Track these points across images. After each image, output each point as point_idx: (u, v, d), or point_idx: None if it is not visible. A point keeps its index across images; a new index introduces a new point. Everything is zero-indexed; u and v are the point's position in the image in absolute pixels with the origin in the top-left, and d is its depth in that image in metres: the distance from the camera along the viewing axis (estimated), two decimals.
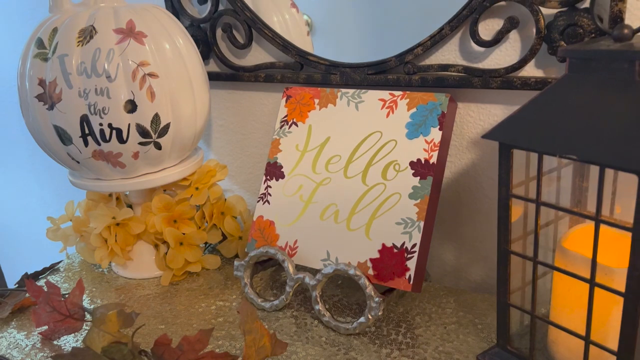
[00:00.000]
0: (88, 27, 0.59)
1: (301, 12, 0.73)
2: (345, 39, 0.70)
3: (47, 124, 0.61)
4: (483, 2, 0.55)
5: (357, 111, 0.64)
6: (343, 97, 0.66)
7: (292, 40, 0.74)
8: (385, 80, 0.64)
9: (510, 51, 0.56)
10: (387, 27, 0.65)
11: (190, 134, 0.67)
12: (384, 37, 0.66)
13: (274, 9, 0.76)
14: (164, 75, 0.61)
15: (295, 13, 0.77)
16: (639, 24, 0.43)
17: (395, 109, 0.62)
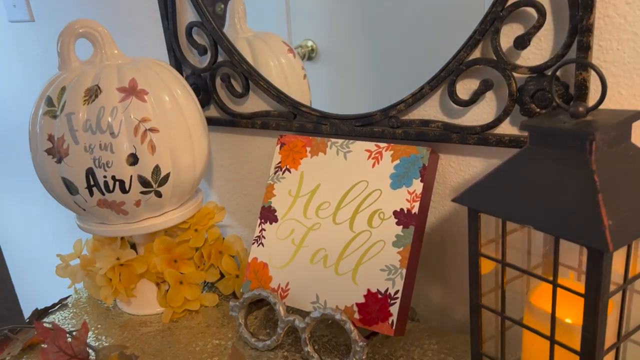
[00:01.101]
0: (93, 86, 0.64)
1: (306, 39, 0.76)
2: (348, 64, 0.72)
3: (55, 175, 0.65)
4: (459, 65, 0.59)
5: (346, 160, 0.68)
6: (333, 147, 0.69)
7: (288, 84, 0.78)
8: (371, 132, 0.68)
9: (486, 110, 0.60)
10: (389, 54, 0.67)
11: (190, 181, 0.71)
12: (385, 63, 0.68)
13: (270, 54, 0.80)
14: (164, 128, 0.65)
15: (291, 58, 0.81)
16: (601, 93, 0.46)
17: (381, 159, 0.66)
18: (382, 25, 0.66)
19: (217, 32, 0.75)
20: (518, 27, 0.55)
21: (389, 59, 0.67)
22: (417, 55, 0.65)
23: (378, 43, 0.67)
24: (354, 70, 0.71)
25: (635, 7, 0.50)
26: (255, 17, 0.79)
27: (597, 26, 0.52)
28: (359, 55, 0.70)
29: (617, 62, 0.52)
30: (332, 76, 0.75)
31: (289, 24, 0.76)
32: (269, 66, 0.79)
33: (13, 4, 0.97)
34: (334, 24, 0.72)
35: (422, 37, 0.64)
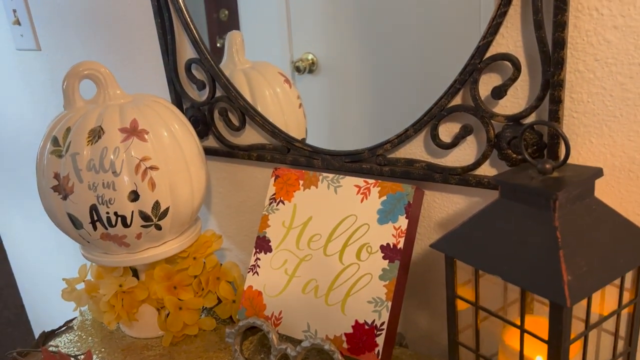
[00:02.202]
0: (97, 127, 0.67)
1: (307, 52, 0.77)
2: (348, 77, 0.75)
3: (61, 211, 0.69)
4: (441, 111, 0.62)
5: (336, 194, 0.72)
6: (324, 181, 0.73)
7: (283, 112, 0.82)
8: (360, 168, 0.71)
9: (467, 152, 0.63)
10: (388, 67, 0.69)
11: (188, 212, 0.75)
12: (384, 75, 0.70)
13: (266, 84, 0.84)
14: (164, 165, 0.69)
15: (287, 88, 0.85)
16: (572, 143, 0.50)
17: (369, 195, 0.69)
18: (381, 39, 0.69)
19: (215, 69, 0.79)
20: (496, 77, 0.59)
21: (388, 71, 0.69)
22: (413, 70, 0.67)
23: (377, 56, 0.70)
24: (353, 82, 0.74)
25: (604, 64, 0.53)
26: (257, 31, 0.82)
27: (568, 79, 0.55)
28: (358, 68, 0.72)
29: (588, 114, 0.55)
30: (333, 88, 0.77)
31: (290, 38, 0.79)
32: (264, 95, 0.83)
33: (20, 33, 1.01)
34: (334, 38, 0.74)
35: (419, 50, 0.66)
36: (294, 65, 0.79)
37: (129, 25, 0.87)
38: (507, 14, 0.55)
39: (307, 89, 0.80)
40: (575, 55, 0.54)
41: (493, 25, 0.55)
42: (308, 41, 0.78)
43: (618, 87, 0.53)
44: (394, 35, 0.68)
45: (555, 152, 0.56)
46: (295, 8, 0.76)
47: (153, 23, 0.83)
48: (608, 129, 0.55)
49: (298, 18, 0.77)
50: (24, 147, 1.17)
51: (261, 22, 0.81)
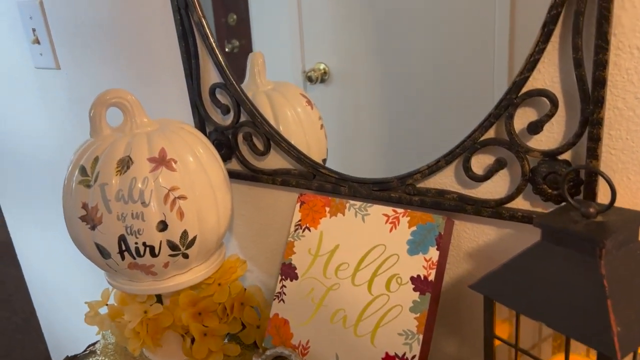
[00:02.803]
0: (125, 157, 0.67)
1: (319, 62, 0.77)
2: (360, 87, 0.75)
3: (89, 241, 0.69)
4: (474, 144, 0.61)
5: (364, 223, 0.71)
6: (351, 209, 0.73)
7: (304, 132, 0.82)
8: (388, 197, 0.71)
9: (500, 185, 0.63)
10: (400, 76, 0.70)
11: (215, 239, 0.74)
12: (397, 86, 0.71)
13: (287, 105, 0.84)
14: (191, 194, 0.69)
15: (309, 109, 0.84)
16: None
17: (398, 224, 0.69)
18: (393, 48, 0.69)
19: (240, 95, 0.79)
20: (532, 112, 0.58)
21: (400, 81, 0.69)
22: (429, 79, 0.67)
23: (389, 66, 0.70)
24: (365, 92, 0.74)
25: None
26: (269, 40, 0.82)
27: (607, 116, 0.54)
28: (370, 78, 0.73)
29: (626, 150, 0.55)
30: (345, 98, 0.77)
31: (303, 48, 0.79)
32: (286, 116, 0.83)
33: (40, 52, 1.01)
34: (346, 48, 0.74)
35: (433, 59, 0.66)
36: (305, 75, 0.79)
37: (152, 48, 0.87)
38: (546, 50, 0.54)
39: (319, 99, 0.80)
40: (615, 93, 0.53)
41: (531, 61, 0.55)
42: (320, 51, 0.77)
43: None
44: (407, 44, 0.68)
45: (592, 189, 0.56)
46: (307, 17, 0.76)
47: (177, 46, 0.82)
48: None
49: (310, 27, 0.76)
50: (41, 162, 1.17)
51: (272, 32, 0.81)
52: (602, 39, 0.50)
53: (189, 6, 0.77)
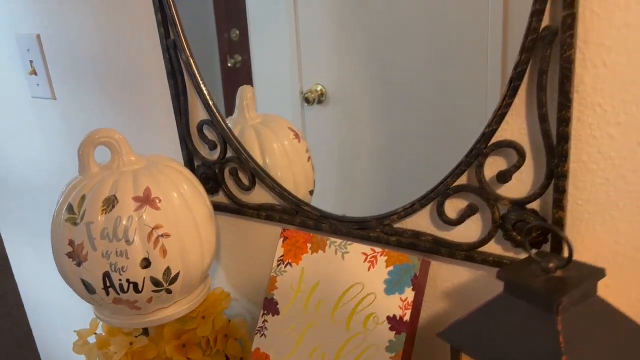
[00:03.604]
0: (111, 196, 0.69)
1: (317, 84, 0.78)
2: (356, 108, 0.76)
3: (75, 276, 0.71)
4: (447, 189, 0.63)
5: (343, 261, 0.73)
6: (332, 246, 0.74)
7: (291, 165, 0.84)
8: (367, 236, 0.72)
9: (473, 230, 0.64)
10: (396, 99, 0.71)
11: (199, 274, 0.76)
12: (393, 109, 0.72)
13: (274, 138, 0.86)
14: (175, 231, 0.71)
15: (296, 143, 0.86)
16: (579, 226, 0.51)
17: (376, 264, 0.70)
18: (389, 71, 0.71)
19: (226, 132, 0.81)
20: (502, 162, 0.60)
21: (396, 104, 0.71)
22: (423, 102, 0.69)
23: (385, 89, 0.72)
24: (362, 113, 0.76)
25: (607, 157, 0.54)
26: (267, 61, 0.84)
27: (573, 169, 0.56)
28: (366, 100, 0.74)
29: (592, 202, 0.56)
30: (341, 118, 0.79)
31: (300, 70, 0.81)
32: (273, 149, 0.85)
33: (37, 83, 1.04)
34: (343, 71, 0.76)
35: (428, 83, 0.68)
36: (303, 97, 0.81)
37: (143, 84, 0.89)
38: (513, 104, 0.56)
39: (316, 120, 0.81)
40: (579, 147, 0.55)
41: (499, 115, 0.57)
42: (318, 73, 0.79)
43: (621, 179, 0.54)
44: (403, 70, 0.70)
45: (559, 239, 0.57)
46: (305, 40, 0.78)
47: (167, 84, 0.84)
48: (611, 218, 0.56)
49: (308, 50, 0.78)
50: (38, 186, 1.20)
51: (271, 52, 0.83)
52: (564, 97, 0.52)
53: (178, 47, 0.80)
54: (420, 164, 0.72)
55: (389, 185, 0.77)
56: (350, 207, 0.78)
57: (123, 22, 0.88)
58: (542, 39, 0.52)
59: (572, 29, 0.50)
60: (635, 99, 0.51)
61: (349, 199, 0.83)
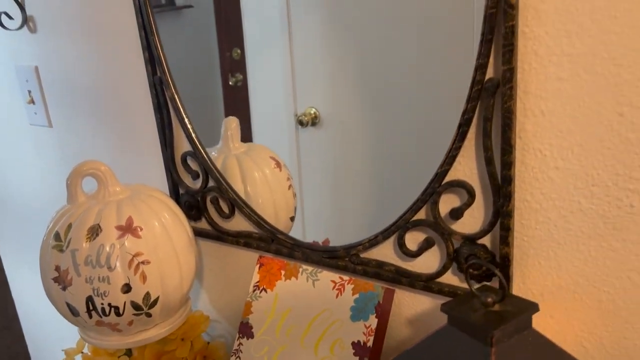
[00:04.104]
0: (95, 225, 0.74)
1: (310, 107, 0.82)
2: (348, 130, 0.80)
3: (60, 299, 0.75)
4: (406, 223, 0.67)
5: (314, 288, 0.77)
6: (304, 273, 0.78)
7: (271, 193, 0.88)
8: (336, 265, 0.77)
9: (432, 261, 0.68)
10: (387, 124, 0.75)
11: (178, 298, 0.80)
12: (383, 132, 0.76)
13: (255, 167, 0.90)
14: (155, 258, 0.75)
15: (277, 172, 0.91)
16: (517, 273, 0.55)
17: (343, 291, 0.74)
18: (381, 96, 0.74)
19: (208, 163, 0.86)
20: (455, 199, 0.64)
21: (386, 128, 0.75)
22: (414, 126, 0.73)
23: (375, 113, 0.75)
24: (354, 135, 0.79)
25: (548, 198, 0.58)
26: (265, 82, 0.88)
27: (518, 207, 0.60)
28: (358, 123, 0.78)
29: (536, 239, 0.61)
30: (334, 141, 0.82)
31: (295, 93, 0.84)
32: (254, 178, 0.89)
33: (34, 111, 1.10)
34: (336, 94, 0.80)
35: (420, 108, 0.71)
36: (297, 119, 0.84)
37: (132, 117, 0.95)
38: (462, 147, 0.61)
39: (310, 141, 0.85)
40: (523, 187, 0.59)
41: (450, 156, 0.61)
42: (311, 96, 0.83)
43: (561, 219, 0.58)
44: (395, 95, 0.73)
45: (506, 272, 0.61)
46: (300, 64, 0.82)
47: (153, 117, 0.90)
48: (554, 254, 0.60)
49: (302, 74, 0.82)
50: (34, 211, 1.25)
51: (267, 76, 0.87)
52: (506, 144, 0.57)
53: (164, 83, 0.85)
54: (411, 188, 0.75)
55: (379, 207, 0.81)
56: (342, 228, 0.82)
57: (114, 58, 0.93)
58: (486, 90, 0.57)
59: (511, 82, 0.55)
60: (570, 146, 0.56)
61: (340, 219, 0.87)
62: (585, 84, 0.53)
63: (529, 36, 0.54)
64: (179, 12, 0.94)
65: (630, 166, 0.53)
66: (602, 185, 0.55)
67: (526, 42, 0.55)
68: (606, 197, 0.55)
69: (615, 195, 0.55)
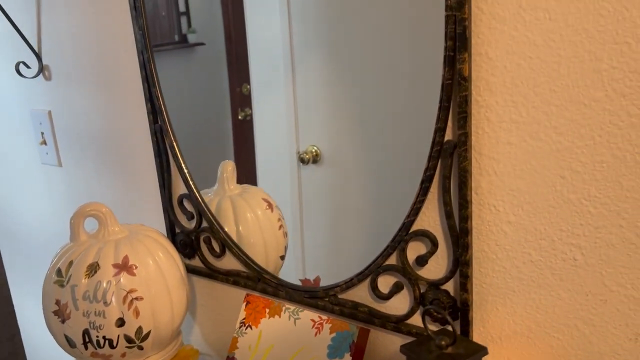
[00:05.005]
0: (94, 262, 0.80)
1: (312, 145, 0.86)
2: (347, 169, 0.84)
3: (59, 331, 0.81)
4: (378, 268, 0.73)
5: (295, 326, 0.82)
6: (286, 312, 0.84)
7: (262, 232, 0.94)
8: (316, 304, 0.82)
9: (402, 303, 0.74)
10: (382, 166, 0.79)
11: (169, 333, 0.86)
12: (380, 173, 0.79)
13: (248, 208, 0.96)
14: (147, 294, 0.81)
15: (269, 213, 0.97)
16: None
17: (322, 330, 0.80)
18: (376, 138, 0.78)
19: (202, 205, 0.92)
20: (421, 247, 0.70)
21: (382, 169, 0.79)
22: (402, 172, 0.76)
23: (372, 153, 0.79)
24: (353, 174, 0.83)
25: (502, 249, 0.64)
26: (268, 124, 0.93)
27: (476, 256, 0.66)
28: (358, 163, 0.82)
29: (493, 286, 0.66)
30: (334, 178, 0.86)
31: (297, 132, 0.89)
32: (246, 218, 0.95)
33: (46, 152, 1.18)
34: (336, 134, 0.84)
35: (403, 160, 0.76)
36: (298, 156, 0.88)
37: (135, 160, 1.02)
38: (426, 200, 0.67)
39: (311, 178, 0.88)
40: (480, 239, 0.65)
41: (415, 208, 0.67)
42: (313, 135, 0.87)
43: (515, 268, 0.64)
44: (385, 140, 0.77)
45: (466, 316, 0.66)
46: (302, 104, 0.86)
47: (154, 161, 0.97)
48: (509, 301, 0.65)
49: (304, 113, 0.86)
50: (42, 244, 1.32)
51: (271, 115, 0.92)
52: (462, 199, 0.63)
53: (164, 131, 0.93)
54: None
55: (375, 244, 0.85)
56: (339, 263, 0.86)
57: (120, 106, 1.01)
58: (444, 151, 0.63)
59: (466, 145, 0.61)
60: (520, 203, 0.61)
61: (338, 255, 0.91)
62: (531, 149, 0.59)
63: (481, 104, 0.61)
64: (192, 49, 1.01)
65: (572, 223, 0.59)
66: (549, 240, 0.61)
67: (479, 109, 0.61)
68: (552, 250, 0.61)
69: (560, 249, 0.60)
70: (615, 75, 0.53)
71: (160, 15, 0.98)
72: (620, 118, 0.54)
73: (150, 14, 0.92)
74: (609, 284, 0.58)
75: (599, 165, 0.56)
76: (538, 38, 0.56)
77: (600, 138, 0.55)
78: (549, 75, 0.56)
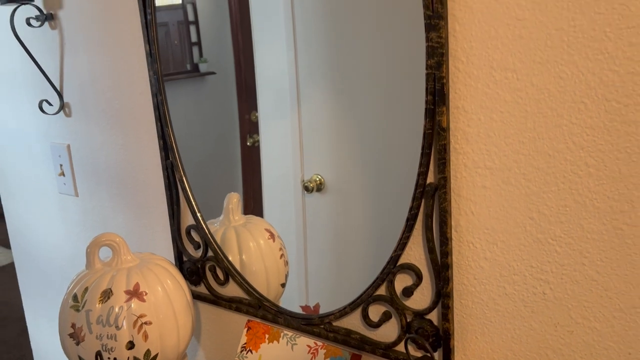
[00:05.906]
0: (108, 289, 0.87)
1: (316, 174, 0.90)
2: (351, 198, 0.87)
3: (74, 353, 0.88)
4: (368, 298, 0.79)
5: (292, 351, 0.88)
6: (284, 337, 0.90)
7: (263, 261, 1.00)
8: (312, 331, 0.88)
9: (391, 331, 0.79)
10: (385, 192, 0.82)
11: (175, 356, 0.92)
12: (380, 201, 0.83)
13: (251, 238, 1.03)
14: (156, 319, 0.87)
15: (271, 242, 1.03)
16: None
17: (317, 355, 0.85)
18: (379, 168, 0.82)
19: (208, 236, 0.99)
20: (408, 279, 0.76)
21: (385, 198, 0.82)
22: (403, 203, 0.77)
23: (375, 183, 0.83)
24: (356, 203, 0.86)
25: (480, 282, 0.70)
26: (274, 153, 0.97)
27: (457, 289, 0.72)
28: (361, 192, 0.85)
29: (473, 317, 0.72)
30: (337, 207, 0.90)
31: (302, 161, 0.94)
32: (249, 247, 1.02)
33: (64, 182, 1.26)
34: (341, 164, 0.88)
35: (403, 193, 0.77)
36: (303, 185, 0.93)
37: (147, 192, 1.10)
38: (411, 236, 0.73)
39: (315, 206, 0.93)
40: (461, 273, 0.71)
41: (401, 243, 0.74)
42: (317, 164, 0.91)
43: (491, 301, 0.70)
44: (398, 169, 0.79)
45: (448, 344, 0.72)
46: (307, 135, 0.91)
47: (164, 194, 1.04)
48: (487, 330, 0.71)
49: (309, 143, 0.91)
50: (57, 268, 1.39)
51: (277, 144, 0.97)
52: (443, 237, 0.69)
53: (174, 166, 1.00)
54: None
55: (375, 273, 0.89)
56: (342, 289, 0.91)
57: (133, 143, 1.09)
58: (426, 192, 0.70)
59: (445, 188, 0.68)
60: (495, 241, 0.68)
61: (340, 280, 0.96)
62: (503, 192, 0.66)
63: (459, 152, 0.68)
64: (203, 78, 1.06)
65: (541, 260, 0.65)
66: (521, 275, 0.67)
67: (457, 156, 0.68)
68: (524, 284, 0.67)
69: (531, 283, 0.66)
70: (574, 130, 0.60)
71: (173, 44, 1.04)
72: (579, 168, 0.60)
73: (162, 43, 0.98)
74: (575, 316, 0.64)
75: (562, 209, 0.62)
76: (507, 95, 0.63)
77: (564, 185, 0.62)
78: (518, 127, 0.63)
